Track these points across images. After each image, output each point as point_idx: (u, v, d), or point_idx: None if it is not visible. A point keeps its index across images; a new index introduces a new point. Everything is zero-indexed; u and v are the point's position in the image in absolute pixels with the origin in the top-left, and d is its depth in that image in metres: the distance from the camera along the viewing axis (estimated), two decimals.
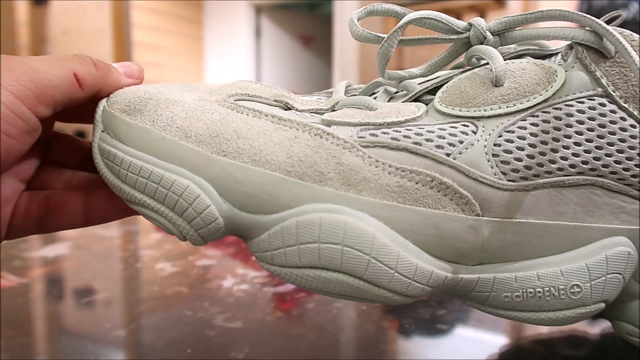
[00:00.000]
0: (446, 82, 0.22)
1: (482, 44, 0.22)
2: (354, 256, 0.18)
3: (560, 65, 0.22)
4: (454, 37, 0.22)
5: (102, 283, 0.36)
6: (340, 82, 0.25)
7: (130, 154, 0.20)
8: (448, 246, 0.20)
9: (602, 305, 0.21)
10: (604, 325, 0.29)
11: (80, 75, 0.21)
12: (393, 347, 0.28)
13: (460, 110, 0.21)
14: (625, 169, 0.21)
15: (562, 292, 0.21)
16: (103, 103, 0.22)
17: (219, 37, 3.21)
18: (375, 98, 0.23)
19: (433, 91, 0.22)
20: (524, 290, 0.21)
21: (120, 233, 0.52)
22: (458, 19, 0.23)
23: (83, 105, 0.22)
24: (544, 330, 0.28)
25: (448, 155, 0.20)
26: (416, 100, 0.22)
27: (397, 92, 0.23)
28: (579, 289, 0.21)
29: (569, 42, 0.22)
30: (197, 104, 0.21)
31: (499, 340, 0.28)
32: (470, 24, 0.22)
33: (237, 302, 0.32)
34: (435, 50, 2.06)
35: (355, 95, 0.24)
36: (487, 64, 0.22)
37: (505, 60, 0.22)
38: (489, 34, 0.22)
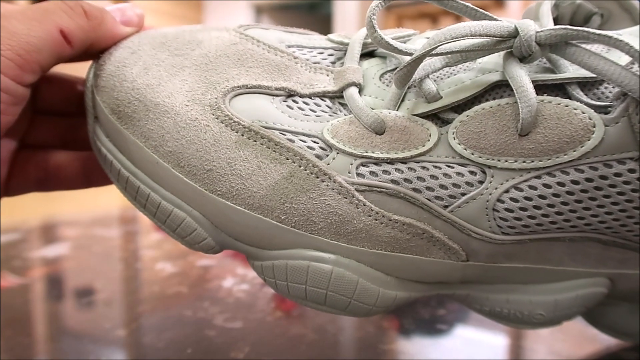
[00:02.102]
0: (472, 104, 0.19)
1: (524, 58, 0.18)
2: (337, 299, 0.20)
3: (602, 114, 0.17)
4: (495, 47, 0.18)
5: (102, 283, 0.36)
6: (357, 33, 0.22)
7: (127, 167, 0.20)
8: (430, 277, 0.20)
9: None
10: None
11: (67, 31, 0.18)
12: (393, 347, 0.28)
13: (472, 154, 0.18)
14: (623, 226, 0.19)
15: (527, 315, 0.21)
16: (90, 81, 0.20)
17: None
18: (391, 82, 0.20)
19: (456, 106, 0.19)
20: (492, 308, 0.22)
21: (120, 233, 0.52)
22: (458, 20, 0.20)
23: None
24: (544, 330, 0.28)
25: (446, 207, 0.19)
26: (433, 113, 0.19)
27: (415, 82, 0.20)
28: (541, 316, 0.21)
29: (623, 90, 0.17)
30: (189, 115, 0.19)
31: (499, 340, 0.28)
32: (517, 30, 0.18)
33: (237, 302, 0.32)
34: None
35: (373, 49, 0.21)
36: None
37: (540, 90, 0.18)
38: (535, 46, 0.18)
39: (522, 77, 0.18)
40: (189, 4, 3.19)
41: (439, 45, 0.18)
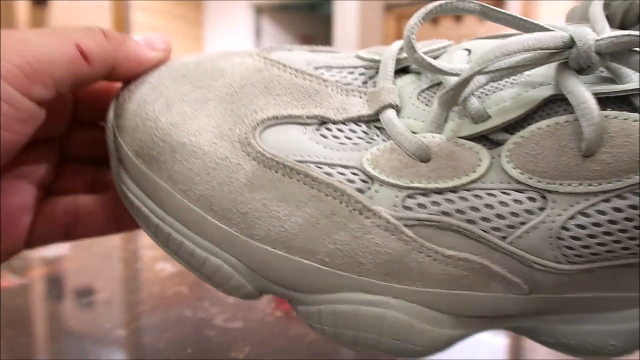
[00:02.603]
0: (524, 122, 0.17)
1: (582, 70, 0.16)
2: (390, 343, 0.18)
3: None
4: (549, 59, 0.17)
5: (102, 283, 0.36)
6: (392, 46, 0.20)
7: (156, 213, 0.19)
8: (490, 312, 0.19)
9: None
10: None
11: (85, 47, 0.17)
12: None
13: (530, 179, 0.16)
14: None
15: (597, 346, 0.19)
16: (111, 121, 0.19)
17: (219, 37, 3.21)
18: (430, 100, 0.19)
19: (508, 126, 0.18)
20: (558, 339, 0.20)
21: (120, 233, 0.52)
22: (458, 20, 0.19)
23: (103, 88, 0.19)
24: None
25: (504, 238, 0.17)
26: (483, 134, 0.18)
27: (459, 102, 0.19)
28: (614, 347, 0.19)
29: None
30: (218, 154, 0.18)
31: (499, 340, 0.28)
32: (573, 41, 0.16)
33: (237, 302, 0.32)
34: None
35: (407, 65, 0.20)
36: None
37: (601, 104, 0.16)
38: (594, 56, 0.16)
39: (583, 92, 0.16)
40: (189, 4, 3.19)
41: (489, 65, 0.16)
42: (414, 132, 0.18)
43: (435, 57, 0.20)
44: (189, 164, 0.18)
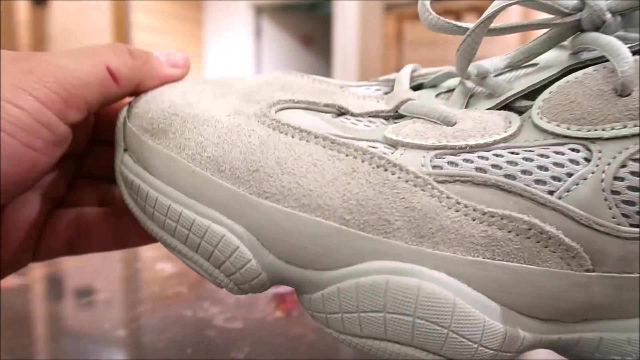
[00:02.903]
0: (549, 85, 0.17)
1: (597, 29, 0.16)
2: (428, 330, 0.15)
3: None
4: (559, 20, 0.17)
5: (102, 283, 0.36)
6: (404, 67, 0.20)
7: (156, 187, 0.17)
8: (546, 306, 0.16)
9: None
10: None
11: (114, 68, 0.17)
12: None
13: (568, 129, 0.15)
14: None
15: None
16: (123, 114, 0.19)
17: (219, 37, 3.21)
18: (448, 99, 0.18)
19: (529, 95, 0.17)
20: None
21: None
22: (458, 19, 0.18)
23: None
24: None
25: (552, 193, 0.15)
26: (505, 107, 0.17)
27: (476, 90, 0.18)
28: None
29: None
30: (232, 122, 0.17)
31: None
32: (583, 2, 0.16)
33: (237, 302, 0.32)
34: (448, 50, 2.03)
35: (422, 82, 0.20)
36: (606, 60, 0.16)
37: (633, 53, 0.16)
38: (608, 15, 0.16)
39: (608, 37, 0.16)
40: (189, 4, 3.19)
41: (503, 7, 0.16)
42: None
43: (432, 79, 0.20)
44: (200, 130, 0.17)
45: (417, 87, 0.20)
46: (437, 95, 0.19)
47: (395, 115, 0.18)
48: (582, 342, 0.17)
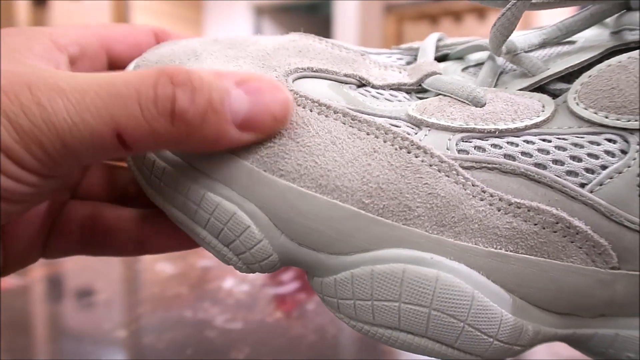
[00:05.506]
0: (588, 67, 0.15)
1: None
2: (444, 323, 0.14)
3: None
4: (605, 9, 0.16)
5: (102, 284, 0.36)
6: (430, 36, 0.19)
7: (163, 157, 0.16)
8: (565, 301, 0.15)
9: None
10: None
11: (128, 139, 0.13)
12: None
13: (607, 117, 0.14)
14: None
15: None
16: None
17: None
18: (475, 74, 0.17)
19: (566, 76, 0.16)
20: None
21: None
22: (458, 20, 0.18)
23: None
24: None
25: (583, 186, 0.14)
26: (539, 88, 0.16)
27: (506, 67, 0.17)
28: None
29: None
30: None
31: None
32: None
33: (238, 303, 0.32)
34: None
35: (447, 52, 0.18)
36: None
37: None
38: None
39: None
40: (189, 4, 3.19)
41: None
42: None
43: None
44: None
45: (441, 59, 0.19)
46: (463, 69, 0.18)
47: (419, 89, 0.17)
48: (597, 337, 0.16)
